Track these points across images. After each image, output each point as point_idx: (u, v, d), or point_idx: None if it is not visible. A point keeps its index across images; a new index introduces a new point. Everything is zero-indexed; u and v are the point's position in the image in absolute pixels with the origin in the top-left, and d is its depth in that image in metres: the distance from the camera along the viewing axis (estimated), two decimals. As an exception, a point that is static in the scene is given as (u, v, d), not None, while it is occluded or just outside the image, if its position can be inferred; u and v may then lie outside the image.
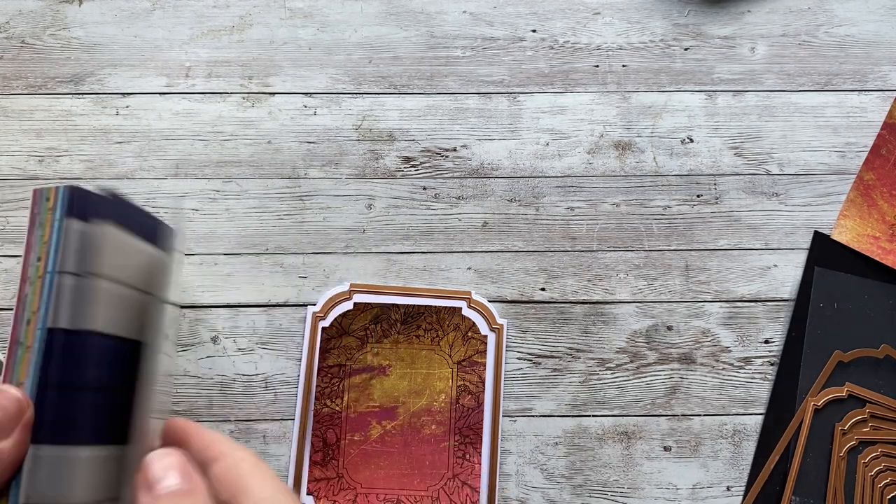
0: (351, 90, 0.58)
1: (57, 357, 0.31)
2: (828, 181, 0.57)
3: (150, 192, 0.56)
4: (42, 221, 0.32)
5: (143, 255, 0.36)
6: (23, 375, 0.30)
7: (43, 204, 0.32)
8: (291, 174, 0.56)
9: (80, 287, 0.32)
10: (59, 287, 0.31)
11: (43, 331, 0.31)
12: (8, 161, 0.56)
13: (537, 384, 0.53)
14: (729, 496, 0.52)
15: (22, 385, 0.30)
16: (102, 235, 0.33)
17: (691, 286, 0.55)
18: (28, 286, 0.31)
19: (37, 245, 0.32)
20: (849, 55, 0.59)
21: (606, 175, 0.57)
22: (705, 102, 0.58)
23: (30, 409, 0.30)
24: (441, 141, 0.57)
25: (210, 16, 0.59)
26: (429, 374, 0.53)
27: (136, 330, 0.35)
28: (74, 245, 0.32)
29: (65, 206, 0.32)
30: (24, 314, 0.31)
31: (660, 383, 0.53)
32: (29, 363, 0.30)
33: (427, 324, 0.53)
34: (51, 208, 0.32)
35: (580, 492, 0.52)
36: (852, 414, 0.52)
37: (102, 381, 0.33)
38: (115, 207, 0.34)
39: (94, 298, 0.32)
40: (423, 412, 0.52)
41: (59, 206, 0.32)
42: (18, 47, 0.58)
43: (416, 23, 0.59)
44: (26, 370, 0.30)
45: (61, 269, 0.32)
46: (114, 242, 0.34)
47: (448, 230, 0.56)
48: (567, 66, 0.58)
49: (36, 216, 0.32)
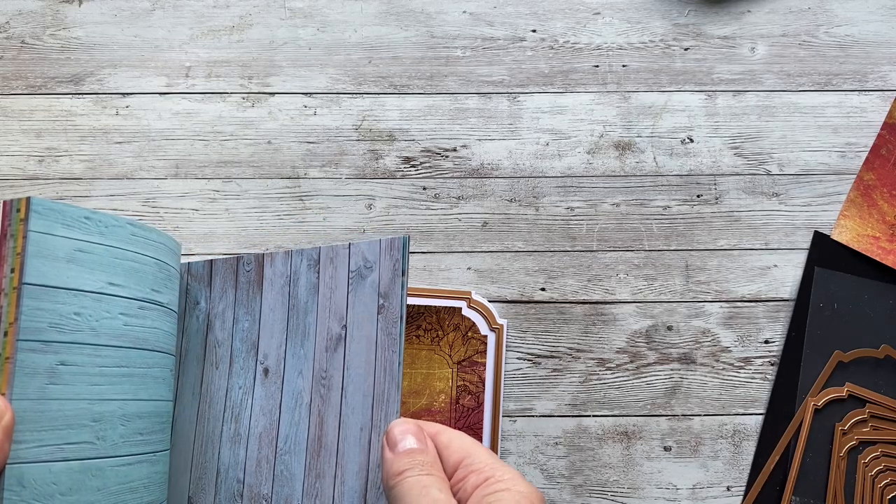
0: (351, 90, 0.58)
1: None
2: (828, 181, 0.57)
3: (150, 192, 0.56)
4: (13, 233, 0.32)
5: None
6: (3, 386, 0.31)
7: (14, 215, 0.32)
8: (291, 174, 0.56)
9: None
10: None
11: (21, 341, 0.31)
12: (8, 161, 0.56)
13: (537, 384, 0.53)
14: (729, 496, 0.52)
15: (3, 395, 0.30)
16: None
17: (691, 286, 0.55)
18: (3, 298, 0.31)
19: (9, 257, 0.32)
20: (849, 55, 0.59)
21: (606, 175, 0.57)
22: (705, 102, 0.58)
23: (9, 413, 0.30)
24: (441, 141, 0.57)
25: (210, 16, 0.59)
26: (429, 374, 0.53)
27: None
28: None
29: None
30: (0, 326, 0.31)
31: (660, 383, 0.53)
32: (10, 374, 0.31)
33: (427, 324, 0.53)
34: (22, 219, 0.32)
35: (580, 492, 0.52)
36: (852, 414, 0.52)
37: None
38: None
39: None
40: (423, 412, 0.52)
41: (30, 217, 0.32)
42: (18, 47, 0.58)
43: (416, 23, 0.59)
44: (7, 380, 0.31)
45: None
46: None
47: (448, 230, 0.56)
48: (567, 66, 0.58)
49: (7, 228, 0.32)
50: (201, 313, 0.41)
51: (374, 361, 0.37)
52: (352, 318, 0.38)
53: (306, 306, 0.39)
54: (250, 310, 0.40)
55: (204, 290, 0.41)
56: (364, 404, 0.36)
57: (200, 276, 0.41)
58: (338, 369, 0.37)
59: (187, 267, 0.42)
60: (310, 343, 0.38)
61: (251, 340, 0.39)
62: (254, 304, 0.40)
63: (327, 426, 0.37)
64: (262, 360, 0.39)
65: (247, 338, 0.40)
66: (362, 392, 0.36)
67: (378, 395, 0.36)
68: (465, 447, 0.33)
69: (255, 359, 0.39)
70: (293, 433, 0.37)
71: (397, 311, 0.36)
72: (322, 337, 0.38)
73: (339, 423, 0.37)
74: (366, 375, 0.37)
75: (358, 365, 0.37)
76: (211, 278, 0.41)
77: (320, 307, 0.38)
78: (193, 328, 0.41)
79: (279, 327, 0.39)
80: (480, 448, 0.33)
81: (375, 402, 0.36)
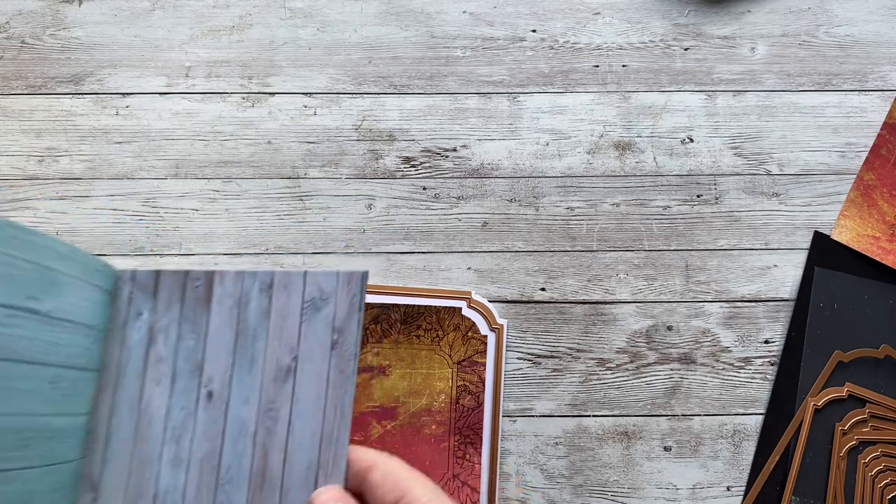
0: (351, 90, 0.58)
1: None
2: (828, 181, 0.57)
3: (150, 192, 0.56)
4: None
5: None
6: None
7: None
8: (291, 174, 0.56)
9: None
10: None
11: None
12: (8, 161, 0.56)
13: (537, 384, 0.53)
14: (729, 496, 0.52)
15: None
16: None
17: (691, 286, 0.55)
18: None
19: None
20: (849, 55, 0.59)
21: (606, 175, 0.57)
22: (705, 102, 0.58)
23: None
24: (441, 141, 0.57)
25: (210, 16, 0.59)
26: (429, 374, 0.53)
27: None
28: None
29: None
30: None
31: (660, 383, 0.53)
32: None
33: (427, 324, 0.53)
34: None
35: (580, 492, 0.52)
36: (852, 414, 0.52)
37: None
38: None
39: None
40: (423, 412, 0.52)
41: None
42: (18, 47, 0.58)
43: (416, 23, 0.59)
44: None
45: None
46: None
47: (448, 230, 0.56)
48: (567, 66, 0.58)
49: None
50: (144, 325, 0.40)
51: (324, 398, 0.36)
52: (303, 351, 0.37)
53: (256, 332, 0.38)
54: (196, 328, 0.39)
55: (149, 301, 0.40)
56: (312, 442, 0.36)
57: (146, 286, 0.40)
58: (286, 402, 0.37)
59: (132, 275, 0.41)
60: (257, 370, 0.37)
61: (195, 360, 0.39)
62: (200, 322, 0.39)
63: (272, 460, 0.36)
64: (207, 382, 0.38)
65: (191, 357, 0.39)
66: (310, 429, 0.36)
67: (327, 435, 0.35)
68: (400, 484, 0.31)
69: (199, 380, 0.38)
70: (236, 463, 0.36)
71: (352, 349, 0.36)
72: (271, 366, 0.37)
73: (284, 457, 0.36)
74: (315, 412, 0.36)
75: (307, 400, 0.36)
76: (157, 289, 0.41)
77: (271, 334, 0.38)
78: (134, 340, 0.40)
79: (226, 350, 0.38)
80: (418, 483, 0.31)
81: (324, 442, 0.35)
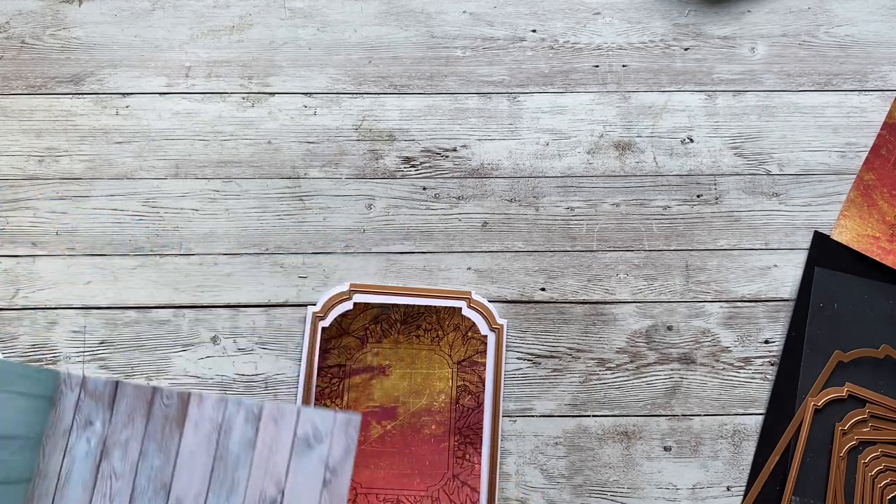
0: (351, 90, 0.58)
1: None
2: (828, 181, 0.57)
3: (150, 192, 0.56)
4: None
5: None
6: None
7: None
8: (291, 174, 0.56)
9: None
10: None
11: None
12: (8, 161, 0.56)
13: (537, 384, 0.53)
14: (729, 496, 0.52)
15: None
16: None
17: (691, 286, 0.55)
18: None
19: None
20: (849, 55, 0.59)
21: (606, 175, 0.57)
22: (705, 102, 0.58)
23: None
24: (441, 141, 0.57)
25: (210, 16, 0.59)
26: (429, 374, 0.53)
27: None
28: None
29: None
30: None
31: (660, 383, 0.53)
32: None
33: (427, 324, 0.53)
34: None
35: (580, 492, 0.52)
36: (852, 414, 0.52)
37: None
38: None
39: None
40: (423, 412, 0.52)
41: None
42: (18, 47, 0.58)
43: (416, 23, 0.59)
44: None
45: None
46: None
47: (448, 230, 0.56)
48: (567, 66, 0.58)
49: None
50: (94, 435, 0.39)
51: None
52: (291, 485, 0.36)
53: (237, 460, 0.37)
54: (164, 448, 0.38)
55: (103, 412, 0.39)
56: None
57: (100, 395, 0.39)
58: None
59: (80, 381, 0.39)
60: (237, 498, 0.36)
61: (161, 481, 0.37)
62: (170, 442, 0.38)
63: None
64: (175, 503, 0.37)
65: (156, 477, 0.37)
66: None
67: None
68: None
69: (164, 501, 0.37)
70: None
71: (344, 491, 0.35)
72: (253, 495, 0.36)
73: None
74: None
75: None
76: (115, 400, 0.39)
77: (255, 465, 0.37)
78: (81, 451, 0.38)
79: (200, 475, 0.37)
80: None
81: None
